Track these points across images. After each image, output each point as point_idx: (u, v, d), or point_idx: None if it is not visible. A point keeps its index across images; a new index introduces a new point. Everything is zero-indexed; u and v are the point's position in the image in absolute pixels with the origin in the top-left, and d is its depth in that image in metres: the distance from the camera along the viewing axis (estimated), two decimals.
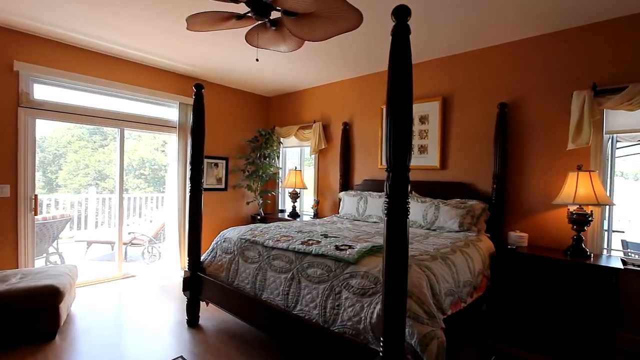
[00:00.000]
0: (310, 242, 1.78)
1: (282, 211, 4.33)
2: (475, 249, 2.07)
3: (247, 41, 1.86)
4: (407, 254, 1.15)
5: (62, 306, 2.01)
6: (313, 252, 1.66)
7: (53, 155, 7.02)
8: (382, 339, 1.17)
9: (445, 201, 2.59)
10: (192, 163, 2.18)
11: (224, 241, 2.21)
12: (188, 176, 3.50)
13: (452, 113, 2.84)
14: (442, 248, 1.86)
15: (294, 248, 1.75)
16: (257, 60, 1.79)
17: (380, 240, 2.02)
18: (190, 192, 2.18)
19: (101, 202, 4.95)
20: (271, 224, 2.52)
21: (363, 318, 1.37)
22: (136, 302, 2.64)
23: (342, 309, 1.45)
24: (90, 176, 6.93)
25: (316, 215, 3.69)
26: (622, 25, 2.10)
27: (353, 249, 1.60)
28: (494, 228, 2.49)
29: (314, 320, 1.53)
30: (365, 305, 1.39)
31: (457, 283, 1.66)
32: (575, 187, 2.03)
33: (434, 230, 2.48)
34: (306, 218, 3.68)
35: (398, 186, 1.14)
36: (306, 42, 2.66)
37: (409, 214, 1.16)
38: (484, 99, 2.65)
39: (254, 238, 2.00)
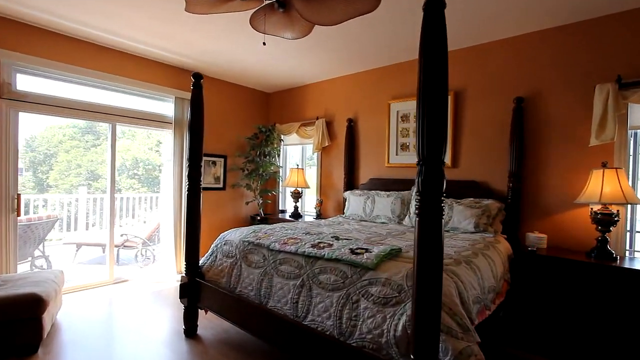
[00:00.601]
0: (322, 245, 1.62)
1: (283, 211, 4.16)
2: (496, 251, 1.94)
3: (252, 25, 1.70)
4: (442, 260, 1.01)
5: (46, 316, 1.81)
6: (326, 256, 1.51)
7: (44, 155, 6.77)
8: (412, 356, 1.02)
9: (458, 201, 2.46)
10: (189, 159, 2.01)
11: (224, 244, 2.04)
12: (185, 174, 3.34)
13: (464, 108, 2.71)
14: (463, 251, 1.72)
15: (304, 252, 1.59)
16: (264, 44, 1.63)
17: (394, 242, 1.87)
18: (187, 191, 2.01)
19: (92, 202, 4.72)
20: (275, 225, 2.36)
21: (385, 331, 1.22)
22: (128, 309, 2.44)
23: (361, 320, 1.30)
24: (82, 176, 6.70)
25: (319, 215, 3.54)
26: None
27: (370, 252, 1.45)
28: (510, 229, 2.37)
29: (327, 332, 1.38)
30: (388, 317, 1.24)
31: (482, 289, 1.52)
32: (601, 186, 1.91)
33: (447, 231, 2.35)
34: (308, 218, 3.53)
35: (432, 182, 1.00)
36: (311, 33, 2.51)
37: (444, 214, 1.01)
38: (499, 93, 2.53)
39: (258, 240, 1.84)
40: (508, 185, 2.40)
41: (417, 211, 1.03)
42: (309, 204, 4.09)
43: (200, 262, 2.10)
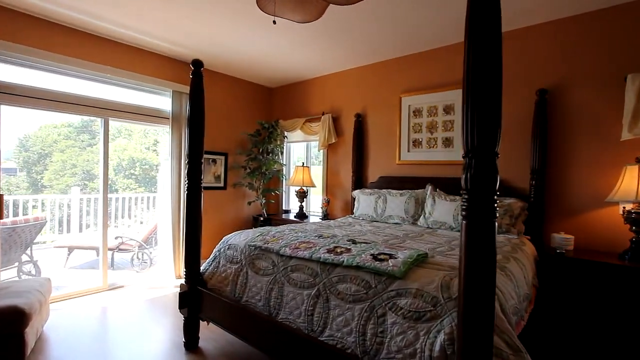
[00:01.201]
0: (338, 249, 1.46)
1: (287, 212, 3.99)
2: (524, 254, 1.78)
3: (259, 6, 1.53)
4: (494, 272, 0.84)
5: (29, 331, 1.63)
6: (345, 262, 1.34)
7: (38, 154, 6.58)
8: None
9: None
10: (189, 156, 1.83)
11: (228, 248, 1.87)
12: (183, 173, 3.15)
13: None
14: None
15: (319, 258, 1.42)
16: (274, 22, 1.46)
17: (415, 245, 1.71)
18: (187, 190, 1.83)
19: (85, 203, 4.51)
20: (281, 227, 2.19)
21: (419, 350, 1.05)
22: (123, 319, 2.26)
23: (388, 336, 1.13)
24: (78, 176, 6.52)
25: (326, 215, 3.37)
26: None
27: (396, 259, 1.28)
28: (533, 229, 2.22)
29: (349, 350, 1.21)
30: (422, 334, 1.07)
31: (519, 298, 1.37)
32: (637, 183, 1.77)
33: None
34: (314, 219, 3.36)
35: (484, 177, 0.84)
36: (318, 23, 2.34)
37: (496, 217, 0.85)
38: (521, 85, 2.38)
39: (266, 245, 1.66)
40: (530, 183, 2.25)
41: (463, 212, 0.87)
42: (314, 204, 3.92)
43: (202, 267, 1.93)
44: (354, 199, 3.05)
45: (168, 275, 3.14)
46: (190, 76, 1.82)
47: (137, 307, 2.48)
